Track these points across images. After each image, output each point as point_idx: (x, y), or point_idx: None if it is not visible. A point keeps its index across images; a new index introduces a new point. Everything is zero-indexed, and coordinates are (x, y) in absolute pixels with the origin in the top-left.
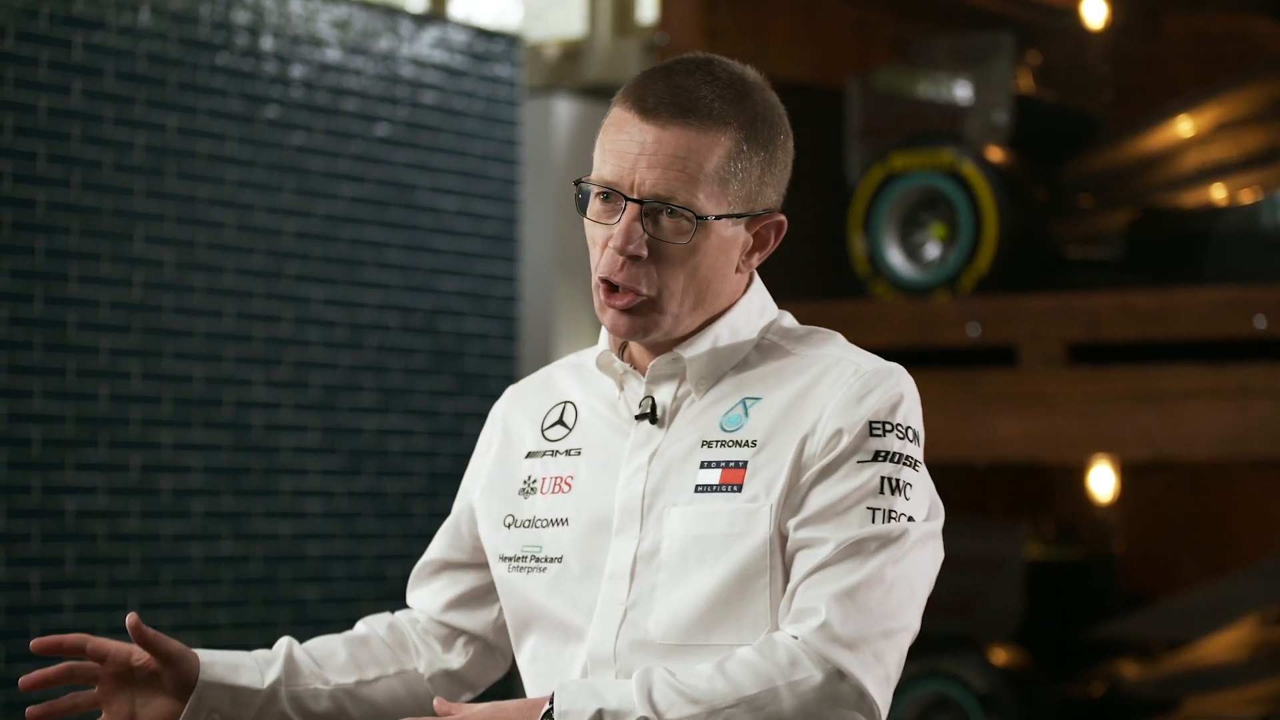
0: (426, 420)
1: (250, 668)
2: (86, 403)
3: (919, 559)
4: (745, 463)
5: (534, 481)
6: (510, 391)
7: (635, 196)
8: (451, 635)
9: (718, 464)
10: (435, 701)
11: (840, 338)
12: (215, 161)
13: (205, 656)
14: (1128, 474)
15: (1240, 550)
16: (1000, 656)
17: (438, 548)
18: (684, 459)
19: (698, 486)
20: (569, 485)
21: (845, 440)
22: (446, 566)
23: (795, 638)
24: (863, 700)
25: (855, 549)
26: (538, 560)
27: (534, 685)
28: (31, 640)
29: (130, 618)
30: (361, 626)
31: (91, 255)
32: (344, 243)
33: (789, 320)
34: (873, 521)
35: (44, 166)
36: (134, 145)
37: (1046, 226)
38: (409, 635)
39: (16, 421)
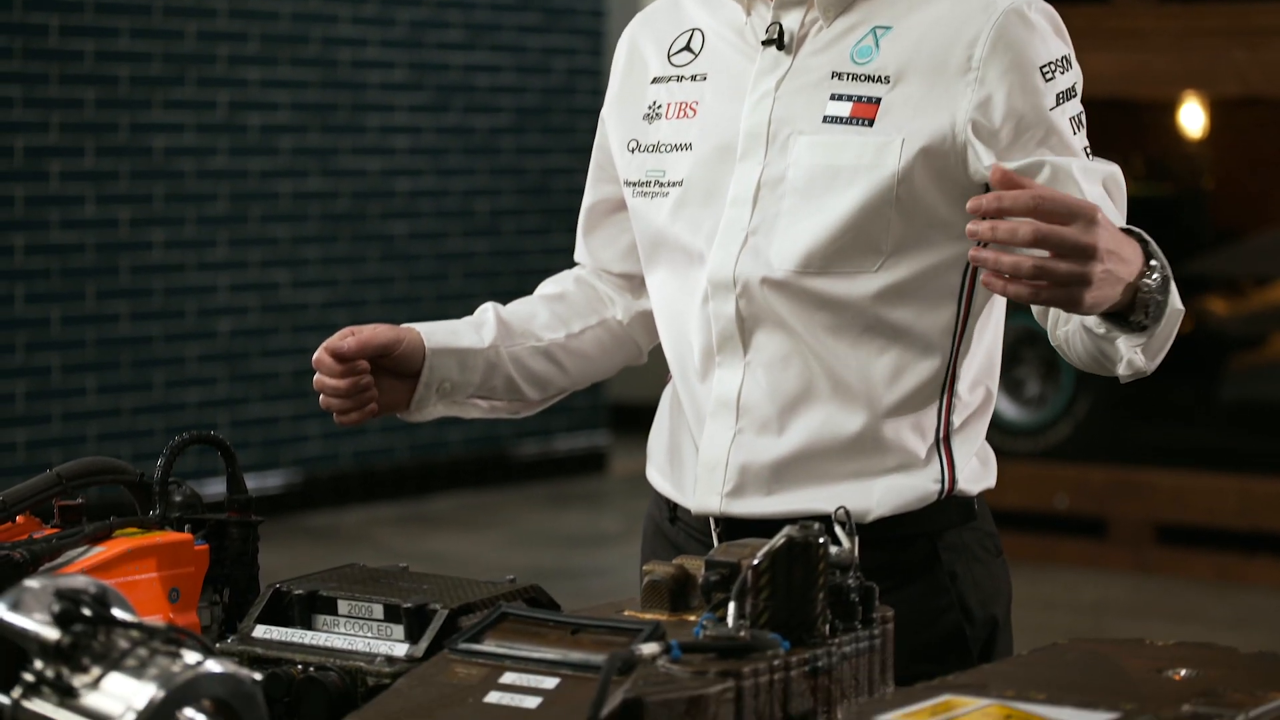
0: (514, 56)
1: (467, 331)
2: (174, 41)
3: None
4: (879, 99)
5: (659, 107)
6: (638, 16)
7: None
8: (636, 283)
9: (849, 97)
10: None
11: None
12: None
13: (422, 328)
14: (1218, 110)
15: None
16: None
17: (591, 188)
18: (813, 89)
19: (826, 117)
20: (694, 110)
21: (1029, 109)
22: (608, 209)
23: None
24: None
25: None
26: (660, 185)
27: (662, 312)
28: (320, 360)
29: (348, 346)
30: (551, 285)
31: None
32: None
33: None
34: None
35: None
36: None
37: None
38: (598, 286)
39: (103, 60)
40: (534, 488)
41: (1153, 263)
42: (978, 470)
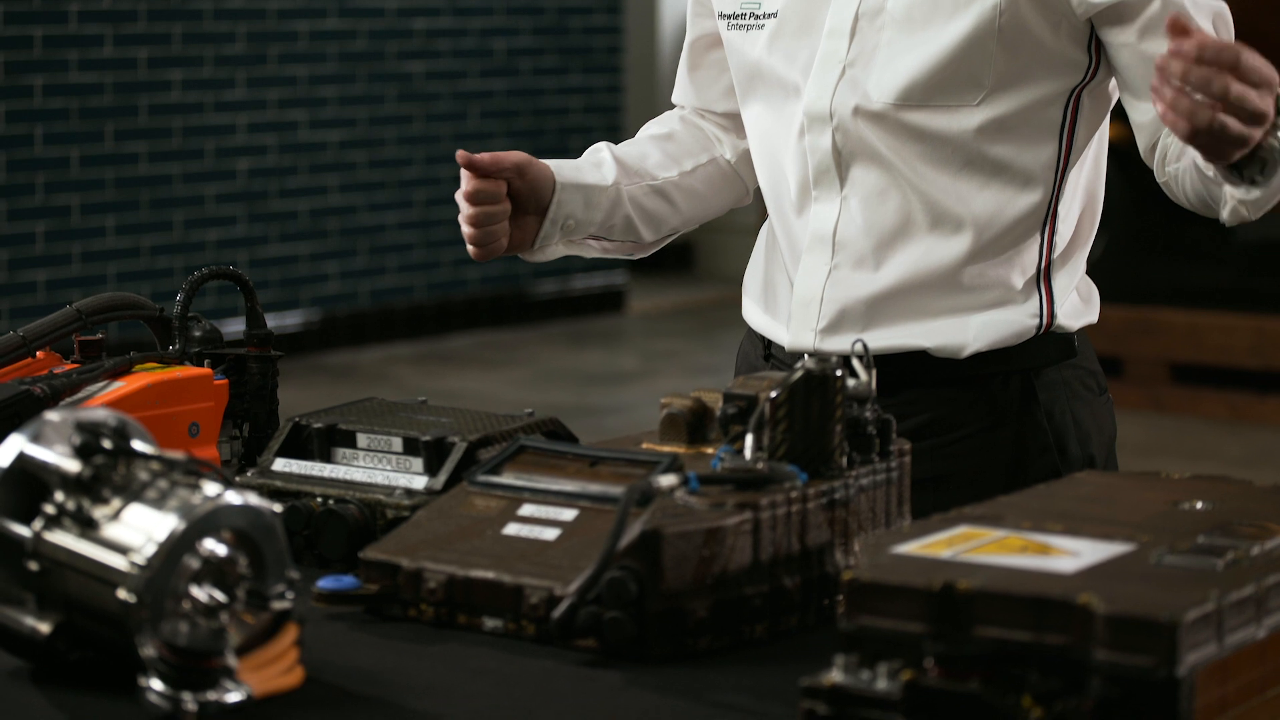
0: None
1: (589, 169)
2: None
3: None
4: None
5: None
6: None
7: None
8: (739, 123)
9: None
10: None
11: None
12: None
13: (550, 163)
14: None
15: None
16: None
17: (691, 24)
18: None
19: None
20: None
21: None
22: (709, 44)
23: None
24: None
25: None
26: (756, 17)
27: (757, 146)
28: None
29: (460, 156)
30: (656, 126)
31: None
32: None
33: None
34: None
35: None
36: None
37: None
38: (704, 126)
39: None
40: (552, 326)
41: (1279, 120)
42: (1078, 306)
